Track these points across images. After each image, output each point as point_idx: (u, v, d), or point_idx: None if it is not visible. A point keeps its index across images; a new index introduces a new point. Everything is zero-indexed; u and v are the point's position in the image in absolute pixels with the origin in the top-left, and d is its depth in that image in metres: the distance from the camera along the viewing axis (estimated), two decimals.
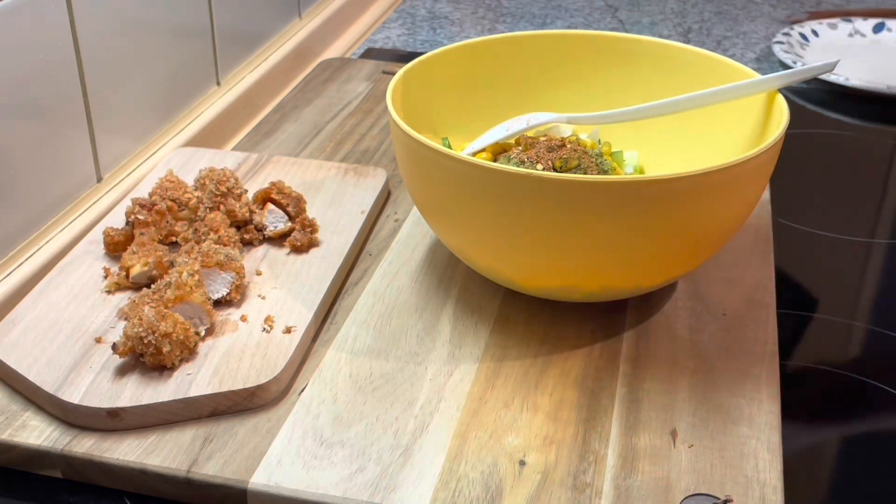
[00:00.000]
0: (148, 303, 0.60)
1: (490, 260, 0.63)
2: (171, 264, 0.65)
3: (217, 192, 0.71)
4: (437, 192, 0.62)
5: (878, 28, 1.22)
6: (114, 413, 0.55)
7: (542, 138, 0.70)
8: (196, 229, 0.69)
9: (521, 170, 0.57)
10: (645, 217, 0.57)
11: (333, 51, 1.18)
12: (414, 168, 0.63)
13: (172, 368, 0.58)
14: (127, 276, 0.65)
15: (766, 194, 0.80)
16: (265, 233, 0.71)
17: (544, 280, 0.62)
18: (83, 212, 0.76)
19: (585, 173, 0.65)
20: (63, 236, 0.73)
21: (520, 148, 0.69)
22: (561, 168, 0.65)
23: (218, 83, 0.96)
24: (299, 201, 0.72)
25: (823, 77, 1.06)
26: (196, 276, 0.61)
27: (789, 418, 0.58)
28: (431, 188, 0.62)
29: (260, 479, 0.53)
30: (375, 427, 0.56)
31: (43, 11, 0.70)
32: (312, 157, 0.87)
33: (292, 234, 0.71)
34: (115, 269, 0.67)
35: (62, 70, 0.73)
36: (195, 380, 0.57)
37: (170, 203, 0.70)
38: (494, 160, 0.68)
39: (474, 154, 0.70)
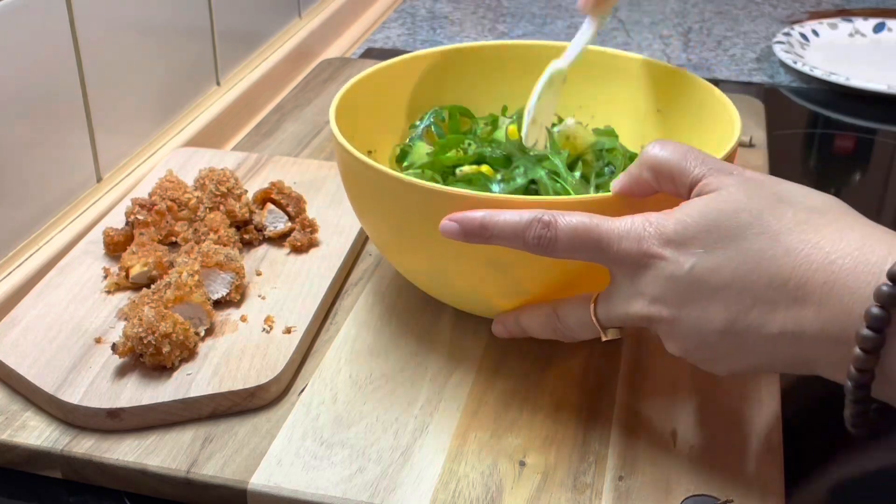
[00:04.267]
0: (148, 303, 0.60)
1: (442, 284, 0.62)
2: (171, 264, 0.65)
3: (217, 193, 0.71)
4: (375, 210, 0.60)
5: (878, 28, 1.22)
6: (113, 413, 0.55)
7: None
8: (196, 229, 0.69)
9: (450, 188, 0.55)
10: None
11: (333, 51, 1.18)
12: (356, 189, 0.62)
13: (172, 369, 0.58)
14: (127, 276, 0.65)
15: None
16: (265, 233, 0.71)
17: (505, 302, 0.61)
18: (83, 212, 0.76)
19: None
20: (63, 236, 0.73)
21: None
22: None
23: (218, 83, 0.96)
24: (299, 201, 0.72)
25: (824, 77, 1.06)
26: (196, 277, 0.61)
27: (790, 418, 0.58)
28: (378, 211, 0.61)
29: (260, 480, 0.52)
30: (375, 427, 0.56)
31: (43, 11, 0.70)
32: (312, 157, 0.87)
33: (292, 234, 0.71)
34: (114, 269, 0.67)
35: (62, 70, 0.73)
36: (195, 380, 0.57)
37: (169, 203, 0.70)
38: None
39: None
